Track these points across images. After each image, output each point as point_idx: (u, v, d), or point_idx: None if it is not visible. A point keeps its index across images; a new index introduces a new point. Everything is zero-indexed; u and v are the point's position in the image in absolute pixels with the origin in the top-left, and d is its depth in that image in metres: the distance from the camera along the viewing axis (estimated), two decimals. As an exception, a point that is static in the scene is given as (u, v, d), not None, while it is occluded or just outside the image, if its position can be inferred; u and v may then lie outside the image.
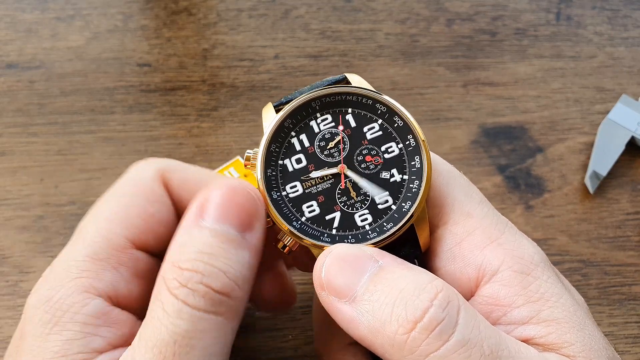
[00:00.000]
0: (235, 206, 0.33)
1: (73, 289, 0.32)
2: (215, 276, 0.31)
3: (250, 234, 0.33)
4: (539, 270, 0.33)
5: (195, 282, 0.30)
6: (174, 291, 0.30)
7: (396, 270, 0.31)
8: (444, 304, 0.29)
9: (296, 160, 0.36)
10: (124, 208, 0.35)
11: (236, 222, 0.33)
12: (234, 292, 0.31)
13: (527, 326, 0.32)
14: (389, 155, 0.36)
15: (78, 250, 0.34)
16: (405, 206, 0.34)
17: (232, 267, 0.31)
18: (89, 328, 0.32)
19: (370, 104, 0.36)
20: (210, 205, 0.33)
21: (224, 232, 0.32)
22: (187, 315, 0.30)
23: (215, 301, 0.30)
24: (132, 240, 0.35)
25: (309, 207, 0.35)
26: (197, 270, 0.31)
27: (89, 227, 0.35)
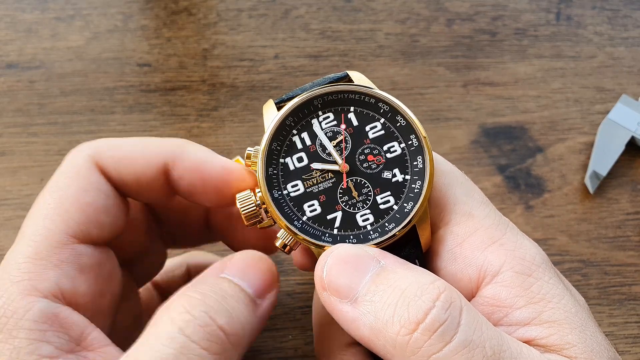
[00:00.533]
0: (256, 271, 0.33)
1: (16, 293, 0.31)
2: (223, 313, 0.30)
3: (263, 301, 0.33)
4: (541, 271, 0.33)
5: (200, 310, 0.30)
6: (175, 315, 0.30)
7: (398, 270, 0.31)
8: (446, 304, 0.29)
9: (297, 159, 0.35)
10: (60, 202, 0.34)
11: (253, 285, 0.33)
12: (234, 335, 0.31)
13: (528, 327, 0.32)
14: (391, 155, 0.35)
15: (18, 252, 0.33)
16: (407, 207, 0.34)
17: (238, 318, 0.31)
18: (35, 334, 0.31)
19: (373, 102, 0.36)
20: (233, 264, 0.33)
21: (241, 286, 0.33)
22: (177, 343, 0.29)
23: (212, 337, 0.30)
24: (73, 235, 0.34)
25: (311, 207, 0.35)
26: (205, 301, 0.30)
27: (28, 227, 0.34)
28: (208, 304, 0.30)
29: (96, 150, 0.36)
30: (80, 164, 0.35)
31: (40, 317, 0.31)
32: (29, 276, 0.32)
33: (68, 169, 0.35)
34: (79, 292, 0.34)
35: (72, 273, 0.33)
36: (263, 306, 0.33)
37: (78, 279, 0.34)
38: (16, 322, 0.31)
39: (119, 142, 0.37)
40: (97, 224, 0.35)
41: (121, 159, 0.36)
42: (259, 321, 0.33)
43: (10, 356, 0.30)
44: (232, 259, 0.34)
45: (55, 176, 0.35)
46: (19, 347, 0.30)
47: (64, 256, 0.33)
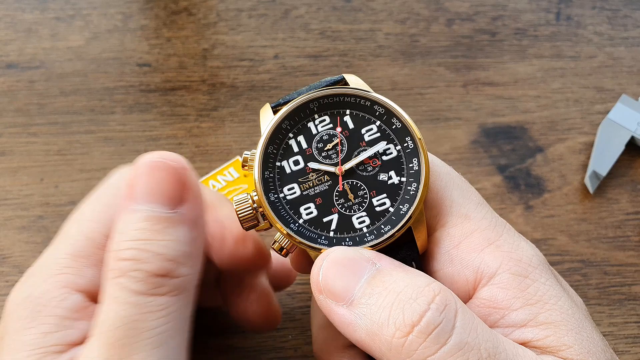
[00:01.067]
0: (160, 182, 0.32)
1: (53, 284, 0.33)
2: (151, 260, 0.31)
3: (183, 207, 0.32)
4: (537, 272, 0.33)
5: (132, 270, 0.31)
6: (116, 280, 0.31)
7: (393, 273, 0.31)
8: (441, 307, 0.29)
9: (294, 162, 0.35)
10: (105, 209, 0.35)
11: (164, 200, 0.32)
12: (174, 271, 0.31)
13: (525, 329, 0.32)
14: (387, 157, 0.35)
15: (60, 249, 0.34)
16: (403, 209, 0.34)
17: (168, 247, 0.31)
18: (66, 322, 0.32)
19: (368, 105, 0.36)
20: (136, 186, 0.32)
21: (154, 213, 0.32)
22: (129, 300, 0.30)
23: (154, 284, 0.31)
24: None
25: (307, 209, 0.35)
26: (133, 258, 0.31)
27: (72, 227, 0.35)
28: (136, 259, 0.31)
29: None
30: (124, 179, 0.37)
31: (73, 307, 0.33)
32: (67, 271, 0.33)
33: (114, 182, 0.37)
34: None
35: None
36: (188, 210, 0.33)
37: None
38: (50, 310, 0.32)
39: None
40: None
41: None
42: (190, 227, 0.33)
43: (38, 339, 0.31)
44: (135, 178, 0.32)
45: (103, 187, 0.37)
46: (49, 331, 0.31)
47: (103, 257, 0.34)
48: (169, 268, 0.31)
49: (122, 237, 0.32)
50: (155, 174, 0.32)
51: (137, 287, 0.30)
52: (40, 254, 0.52)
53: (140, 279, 0.30)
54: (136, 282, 0.30)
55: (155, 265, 0.31)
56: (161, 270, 0.31)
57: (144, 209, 0.32)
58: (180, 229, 0.32)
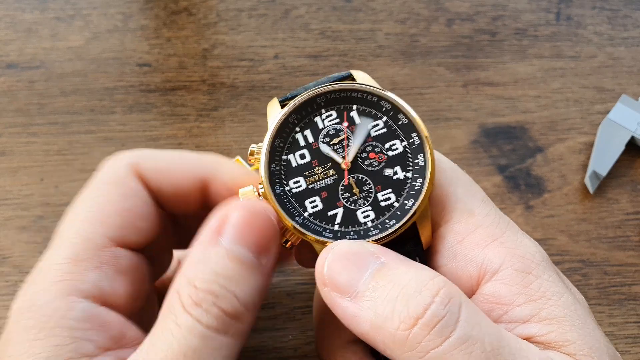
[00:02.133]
0: (255, 229, 0.33)
1: (56, 293, 0.32)
2: (229, 300, 0.31)
3: (266, 259, 0.33)
4: (540, 269, 0.33)
5: (209, 304, 0.31)
6: (188, 308, 0.31)
7: (398, 267, 0.31)
8: (445, 300, 0.29)
9: (300, 156, 0.36)
10: (100, 206, 0.35)
11: (254, 246, 0.33)
12: (243, 315, 0.32)
13: (528, 324, 0.32)
14: (393, 153, 0.36)
15: (58, 253, 0.34)
16: (408, 204, 0.35)
17: (244, 291, 0.32)
18: (77, 333, 0.32)
19: (375, 101, 0.36)
20: (229, 226, 0.33)
21: (241, 255, 0.32)
22: (198, 332, 0.30)
23: (226, 323, 0.31)
24: (112, 238, 0.35)
25: (312, 203, 0.35)
26: (211, 292, 0.31)
27: (68, 229, 0.35)
28: (214, 294, 0.31)
29: (136, 159, 0.37)
30: (120, 171, 0.36)
31: (81, 317, 0.32)
32: (69, 277, 0.33)
33: (108, 175, 0.36)
34: (117, 294, 0.34)
35: (111, 275, 0.34)
36: (268, 262, 0.33)
37: (116, 281, 0.34)
38: (57, 321, 0.31)
39: (158, 154, 0.38)
40: (136, 229, 0.36)
41: (161, 170, 0.37)
42: (265, 278, 0.33)
43: (51, 353, 0.31)
44: (227, 218, 0.33)
45: (94, 182, 0.36)
46: (61, 344, 0.31)
47: (104, 258, 0.34)
48: (241, 312, 0.32)
49: (205, 269, 0.32)
50: (254, 220, 0.33)
51: (210, 322, 0.31)
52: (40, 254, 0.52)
53: (215, 315, 0.31)
54: (210, 317, 0.31)
55: (231, 305, 0.31)
56: (235, 312, 0.31)
57: (231, 248, 0.32)
58: (259, 278, 0.33)
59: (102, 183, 0.36)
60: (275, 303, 0.50)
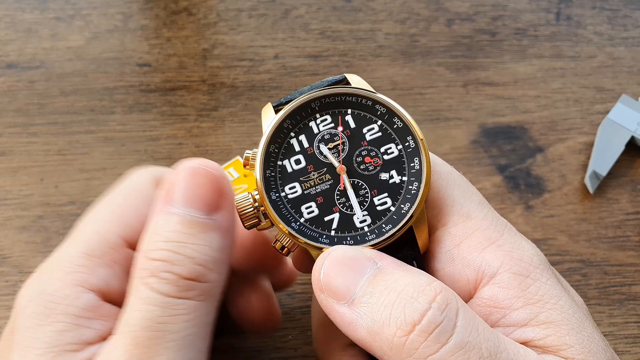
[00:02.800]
0: (201, 188, 0.33)
1: (66, 282, 0.33)
2: (183, 263, 0.31)
3: (218, 215, 0.33)
4: (538, 272, 0.33)
5: (163, 271, 0.31)
6: (145, 280, 0.31)
7: (395, 272, 0.31)
8: (442, 306, 0.29)
9: (295, 161, 0.36)
10: (120, 209, 0.36)
11: (201, 205, 0.33)
12: (203, 276, 0.32)
13: (525, 328, 0.32)
14: (389, 157, 0.36)
15: (74, 247, 0.35)
16: (404, 208, 0.34)
17: (199, 252, 0.32)
18: (81, 320, 0.32)
19: (370, 104, 0.36)
20: (176, 189, 0.33)
21: (189, 217, 0.32)
22: (157, 302, 0.31)
23: (184, 287, 0.31)
24: (127, 240, 0.36)
25: (308, 208, 0.35)
26: (164, 259, 0.31)
27: (86, 226, 0.36)
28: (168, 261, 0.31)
29: (159, 174, 0.38)
30: (144, 180, 0.38)
31: (87, 306, 0.33)
32: (81, 269, 0.34)
33: (131, 183, 0.38)
34: (124, 292, 0.34)
35: (121, 274, 0.35)
36: (222, 218, 0.33)
37: (125, 279, 0.35)
38: (64, 308, 0.32)
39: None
40: None
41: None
42: (223, 235, 0.33)
43: (54, 337, 0.31)
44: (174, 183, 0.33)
45: (118, 187, 0.37)
46: (64, 330, 0.32)
47: (117, 257, 0.35)
48: (199, 272, 0.32)
49: (155, 238, 0.32)
50: (195, 179, 0.33)
51: (166, 289, 0.31)
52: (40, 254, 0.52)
53: (170, 281, 0.31)
54: (166, 284, 0.31)
55: (186, 268, 0.31)
56: (191, 274, 0.31)
57: (180, 212, 0.32)
58: (213, 235, 0.33)
59: (125, 188, 0.37)
60: (275, 303, 0.50)
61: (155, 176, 0.38)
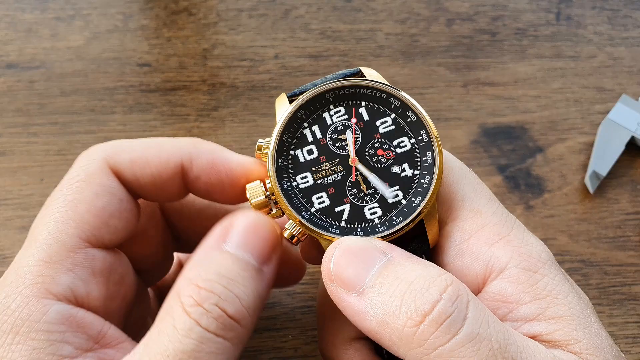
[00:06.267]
0: (259, 238, 0.33)
1: (30, 296, 0.31)
2: (231, 301, 0.31)
3: (268, 267, 0.33)
4: (546, 268, 0.33)
5: (210, 303, 0.30)
6: (188, 309, 0.30)
7: (405, 263, 0.31)
8: (453, 297, 0.29)
9: (308, 152, 0.36)
10: (73, 206, 0.34)
11: (257, 253, 0.33)
12: (244, 319, 0.31)
13: (533, 323, 0.32)
14: (401, 150, 0.36)
15: (31, 255, 0.33)
16: (416, 201, 0.34)
17: (247, 295, 0.31)
18: (54, 335, 0.31)
19: (384, 98, 0.36)
20: (235, 232, 0.33)
21: (245, 260, 0.32)
22: (196, 335, 0.30)
23: (226, 326, 0.30)
24: (86, 239, 0.34)
25: (319, 199, 0.35)
26: (214, 292, 0.30)
27: (40, 230, 0.34)
28: (217, 294, 0.30)
29: (110, 152, 0.36)
30: (93, 167, 0.35)
31: (57, 319, 0.31)
32: (42, 279, 0.32)
33: (80, 172, 0.35)
34: (92, 295, 0.34)
35: (85, 277, 0.33)
36: (269, 271, 0.33)
37: (91, 282, 0.34)
38: (33, 324, 0.31)
39: (133, 144, 0.37)
40: (110, 228, 0.35)
41: (136, 160, 0.36)
42: (266, 286, 0.33)
43: (30, 357, 0.30)
44: (232, 226, 0.33)
45: (67, 179, 0.35)
46: (39, 348, 0.30)
47: (77, 260, 0.33)
48: (242, 314, 0.31)
49: (208, 269, 0.31)
50: (259, 228, 0.33)
51: (209, 323, 0.30)
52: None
53: (216, 316, 0.30)
54: (210, 319, 0.30)
55: (233, 307, 0.31)
56: (236, 314, 0.31)
57: (237, 254, 0.32)
58: (262, 283, 0.33)
59: (74, 181, 0.35)
60: (275, 303, 0.50)
61: (104, 157, 0.36)
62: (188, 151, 0.37)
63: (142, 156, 0.36)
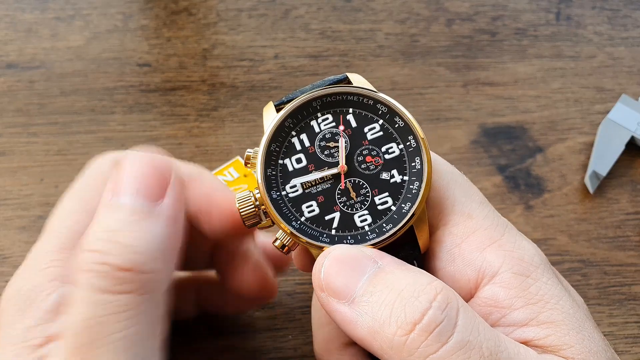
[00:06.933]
0: (141, 177, 0.32)
1: (42, 278, 0.32)
2: (118, 252, 0.30)
3: (162, 203, 0.32)
4: (539, 272, 0.33)
5: (98, 263, 0.29)
6: (81, 275, 0.30)
7: (395, 271, 0.31)
8: (443, 305, 0.29)
9: (296, 160, 0.35)
10: (86, 200, 0.35)
11: (144, 194, 0.32)
12: (142, 265, 0.30)
13: (526, 328, 0.32)
14: (390, 156, 0.36)
15: (46, 244, 0.34)
16: (405, 207, 0.34)
17: (139, 239, 0.30)
18: (49, 315, 0.31)
19: (371, 104, 0.36)
20: (119, 181, 0.32)
21: (130, 206, 0.31)
22: (94, 299, 0.29)
23: (120, 279, 0.29)
24: None
25: (309, 207, 0.35)
26: (100, 250, 0.30)
27: (56, 222, 0.35)
28: (103, 252, 0.30)
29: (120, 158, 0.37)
30: (104, 168, 0.36)
31: (59, 300, 0.32)
32: (55, 264, 0.33)
33: (94, 172, 0.36)
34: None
35: None
36: (166, 208, 0.32)
37: None
38: (38, 304, 0.31)
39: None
40: None
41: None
42: (168, 222, 0.32)
43: (21, 334, 0.31)
44: (117, 176, 0.32)
45: (81, 179, 0.36)
46: (31, 326, 0.31)
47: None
48: (136, 261, 0.30)
49: (96, 230, 0.31)
50: (139, 168, 0.32)
51: (102, 283, 0.29)
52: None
53: (105, 274, 0.29)
54: (101, 278, 0.29)
55: (121, 257, 0.29)
56: (128, 263, 0.29)
57: (124, 202, 0.31)
58: (156, 223, 0.31)
59: (88, 179, 0.36)
60: (275, 303, 0.50)
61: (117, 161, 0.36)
62: (191, 173, 0.38)
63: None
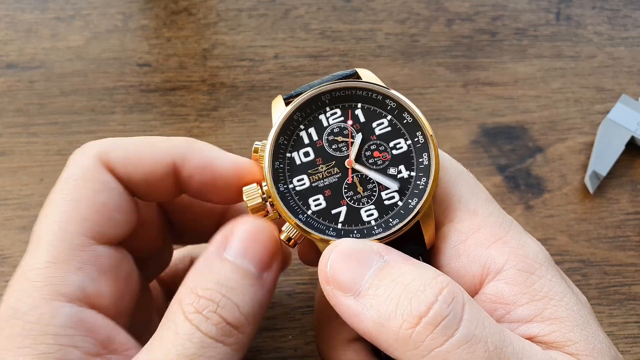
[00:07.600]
0: (259, 245, 0.34)
1: (39, 299, 0.31)
2: (230, 309, 0.31)
3: (268, 274, 0.34)
4: (543, 269, 0.33)
5: (210, 311, 0.31)
6: (189, 315, 0.31)
7: (401, 265, 0.31)
8: (449, 299, 0.29)
9: (304, 154, 0.36)
10: (74, 204, 0.34)
11: (257, 261, 0.33)
12: (243, 326, 0.32)
13: (530, 324, 0.32)
14: (397, 152, 0.36)
15: (38, 257, 0.32)
16: (412, 203, 0.34)
17: (246, 302, 0.32)
18: (63, 339, 0.31)
19: (380, 99, 0.36)
20: (234, 240, 0.33)
21: (244, 268, 0.33)
22: (197, 339, 0.30)
23: (225, 332, 0.31)
24: (91, 236, 0.34)
25: (316, 201, 0.35)
26: (213, 300, 0.31)
27: (44, 231, 0.33)
28: (216, 303, 0.31)
29: (103, 149, 0.36)
30: (88, 164, 0.35)
31: (67, 322, 0.31)
32: (51, 281, 0.32)
33: (76, 170, 0.35)
34: (102, 294, 0.34)
35: (94, 275, 0.33)
36: (269, 278, 0.34)
37: (100, 280, 0.33)
38: (42, 328, 0.31)
39: (126, 141, 0.37)
40: (113, 223, 0.35)
41: (129, 158, 0.36)
42: (266, 293, 0.34)
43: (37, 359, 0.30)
44: (233, 233, 0.34)
45: (64, 179, 0.35)
46: (47, 352, 0.30)
47: (85, 258, 0.33)
48: (241, 321, 0.32)
49: (207, 277, 0.32)
50: (259, 236, 0.34)
51: (209, 329, 0.31)
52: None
53: (215, 323, 0.31)
54: (210, 325, 0.31)
55: (233, 315, 0.31)
56: (235, 321, 0.31)
57: (236, 262, 0.33)
58: (261, 290, 0.33)
59: (71, 179, 0.35)
60: (275, 303, 0.50)
61: (97, 154, 0.35)
62: (181, 150, 0.37)
63: (135, 154, 0.36)
